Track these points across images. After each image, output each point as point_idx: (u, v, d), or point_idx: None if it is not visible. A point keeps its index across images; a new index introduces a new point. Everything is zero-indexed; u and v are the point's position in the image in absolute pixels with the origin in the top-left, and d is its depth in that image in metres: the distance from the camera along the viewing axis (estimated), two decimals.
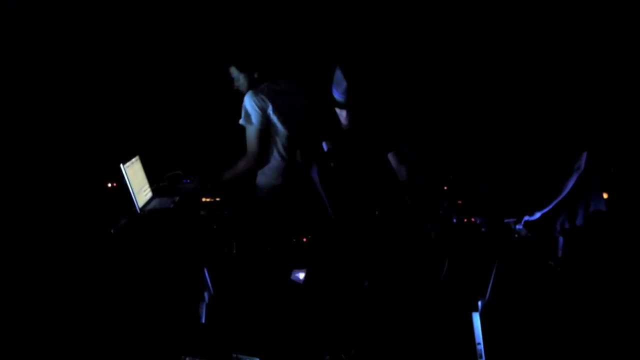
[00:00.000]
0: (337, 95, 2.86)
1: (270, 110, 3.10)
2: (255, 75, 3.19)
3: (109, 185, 3.43)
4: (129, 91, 4.06)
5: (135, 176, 3.28)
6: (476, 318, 2.45)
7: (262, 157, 3.19)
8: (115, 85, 4.04)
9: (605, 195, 3.20)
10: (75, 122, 3.93)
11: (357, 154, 3.06)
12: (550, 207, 3.11)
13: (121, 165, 3.12)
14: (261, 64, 3.20)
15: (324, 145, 3.08)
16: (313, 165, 3.17)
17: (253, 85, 3.19)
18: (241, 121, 3.15)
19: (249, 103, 3.11)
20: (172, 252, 2.91)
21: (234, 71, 3.23)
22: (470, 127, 3.76)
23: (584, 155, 3.07)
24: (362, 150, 3.05)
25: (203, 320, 2.64)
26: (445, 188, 3.38)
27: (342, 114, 2.93)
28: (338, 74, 2.82)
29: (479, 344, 2.41)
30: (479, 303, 2.55)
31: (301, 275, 2.82)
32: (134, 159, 3.33)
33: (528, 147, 3.23)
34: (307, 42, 4.02)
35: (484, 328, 2.43)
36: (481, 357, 2.40)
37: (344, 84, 2.80)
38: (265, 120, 3.12)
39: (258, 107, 3.09)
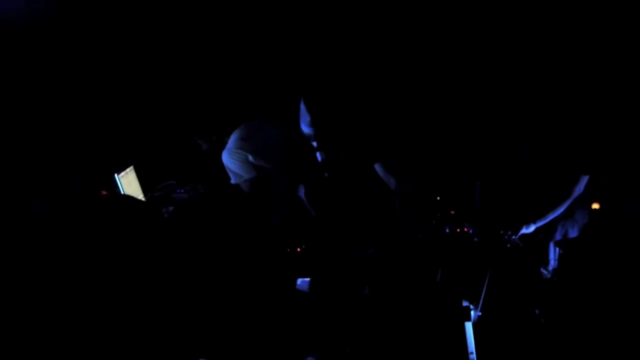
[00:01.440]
0: (304, 127, 2.91)
1: (251, 158, 3.07)
2: (214, 138, 3.25)
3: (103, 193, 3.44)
4: (124, 101, 4.07)
5: (129, 186, 3.29)
6: (469, 327, 2.46)
7: (270, 196, 3.21)
8: (110, 96, 4.05)
9: (595, 206, 3.23)
10: (70, 131, 3.94)
11: (349, 164, 3.08)
12: (546, 221, 3.14)
13: (116, 175, 3.13)
14: (214, 127, 3.26)
15: (318, 156, 3.10)
16: (299, 186, 3.19)
17: (218, 144, 3.23)
18: (232, 181, 3.14)
19: (230, 162, 3.10)
20: (167, 261, 2.90)
21: (197, 139, 3.32)
22: (465, 138, 3.77)
23: (586, 179, 3.11)
24: (353, 160, 3.08)
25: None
26: (438, 198, 3.40)
27: (314, 144, 2.98)
28: (302, 108, 2.87)
29: (471, 353, 2.41)
30: (472, 312, 2.55)
31: (306, 284, 2.81)
32: (128, 169, 3.35)
33: (530, 165, 3.25)
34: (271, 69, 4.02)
35: (477, 337, 2.44)
36: None
37: (308, 117, 2.85)
38: (252, 168, 3.11)
39: (240, 161, 3.08)
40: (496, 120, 3.56)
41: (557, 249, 3.14)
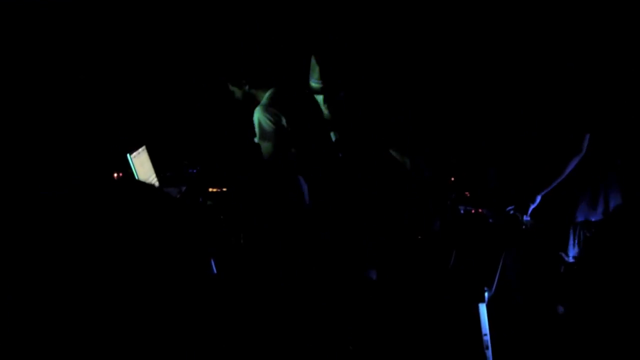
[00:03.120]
0: (313, 81, 2.87)
1: (284, 122, 2.89)
2: (247, 88, 3.00)
3: (115, 175, 3.44)
4: (136, 82, 4.06)
5: (142, 166, 3.29)
6: (483, 309, 2.45)
7: (287, 166, 3.06)
8: (122, 76, 4.03)
9: None
10: (82, 112, 3.94)
11: (363, 144, 3.05)
12: (549, 189, 3.03)
13: (128, 155, 3.12)
14: (246, 73, 3.01)
15: (332, 136, 3.07)
16: (315, 166, 3.14)
17: (252, 97, 3.01)
18: (257, 139, 2.98)
19: (262, 119, 2.90)
20: (178, 241, 2.90)
21: (230, 85, 3.10)
22: (472, 116, 3.70)
23: (586, 138, 2.99)
24: (366, 140, 3.04)
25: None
26: (453, 179, 3.37)
27: (320, 100, 2.94)
28: (312, 61, 2.84)
29: (485, 334, 2.41)
30: (486, 294, 2.55)
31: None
32: (140, 149, 3.34)
33: (529, 130, 3.16)
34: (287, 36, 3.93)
35: (491, 319, 2.43)
36: (488, 347, 2.40)
37: (317, 69, 2.82)
38: (281, 133, 2.91)
39: (272, 122, 2.88)
40: (504, 95, 3.49)
41: (578, 232, 3.05)
